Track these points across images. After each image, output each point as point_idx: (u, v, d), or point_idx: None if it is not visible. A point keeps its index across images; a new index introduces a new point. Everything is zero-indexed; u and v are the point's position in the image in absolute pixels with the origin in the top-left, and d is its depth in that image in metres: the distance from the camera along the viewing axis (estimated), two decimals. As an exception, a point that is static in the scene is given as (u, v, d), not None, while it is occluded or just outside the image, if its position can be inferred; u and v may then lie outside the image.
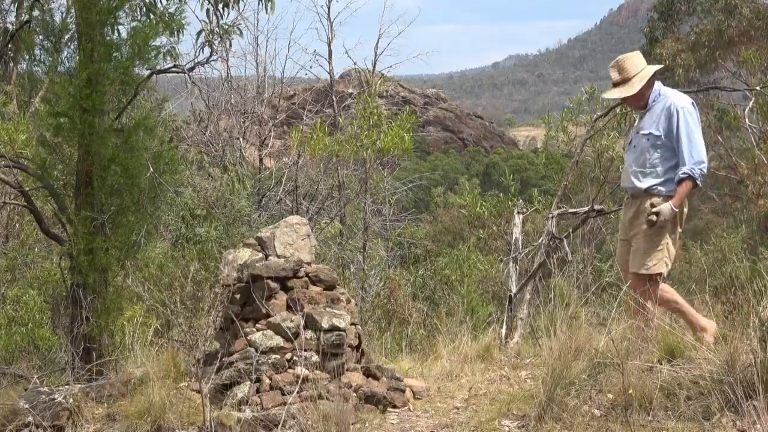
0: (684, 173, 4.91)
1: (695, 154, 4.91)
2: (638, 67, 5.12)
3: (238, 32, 9.65)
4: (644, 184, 5.03)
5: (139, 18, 7.69)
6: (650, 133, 5.05)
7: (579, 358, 4.39)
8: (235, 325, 4.88)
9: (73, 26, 7.30)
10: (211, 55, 9.41)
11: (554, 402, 4.11)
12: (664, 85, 5.25)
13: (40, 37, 7.80)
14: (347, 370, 4.86)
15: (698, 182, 4.94)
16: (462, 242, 14.98)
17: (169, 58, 7.96)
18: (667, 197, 4.94)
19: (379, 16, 14.49)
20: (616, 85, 5.16)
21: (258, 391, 4.65)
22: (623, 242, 5.28)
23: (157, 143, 7.45)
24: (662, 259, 4.99)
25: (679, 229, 5.09)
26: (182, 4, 7.64)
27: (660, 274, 5.00)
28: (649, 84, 5.10)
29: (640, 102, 5.17)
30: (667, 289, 5.09)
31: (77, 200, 6.93)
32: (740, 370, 3.94)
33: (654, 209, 4.96)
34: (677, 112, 4.97)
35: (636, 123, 5.33)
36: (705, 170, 4.94)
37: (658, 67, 5.19)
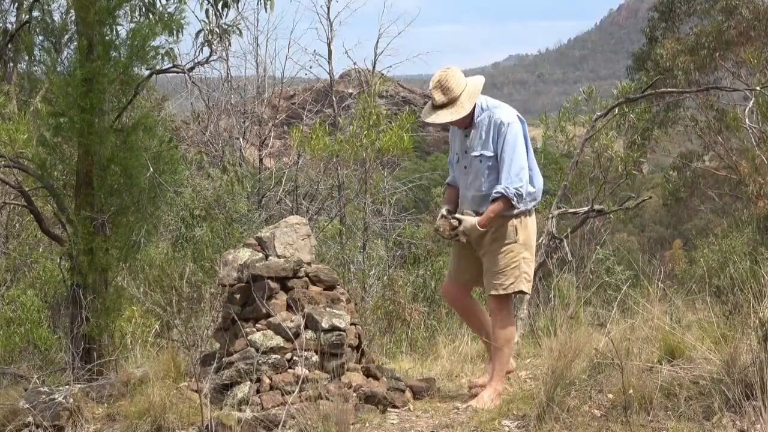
0: (497, 192, 4.64)
1: (513, 173, 4.62)
2: (461, 83, 4.70)
3: (238, 32, 9.64)
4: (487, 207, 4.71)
5: (138, 18, 7.70)
6: (482, 155, 4.73)
7: (579, 358, 4.39)
8: (235, 325, 4.89)
9: (73, 26, 7.30)
10: (210, 55, 9.40)
11: (554, 402, 4.11)
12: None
13: (40, 37, 7.79)
14: (347, 370, 4.86)
15: (513, 202, 4.63)
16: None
17: (167, 59, 7.96)
18: (517, 215, 4.71)
19: (379, 16, 14.45)
20: (440, 106, 4.70)
21: (258, 391, 4.65)
22: (463, 257, 4.95)
23: (157, 143, 7.45)
24: (519, 277, 4.72)
25: (528, 253, 4.79)
26: (181, 4, 7.64)
27: (521, 292, 4.79)
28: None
29: (467, 121, 4.77)
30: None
31: (77, 200, 6.94)
32: (740, 370, 3.94)
33: (458, 215, 4.75)
34: (505, 127, 4.67)
35: (459, 141, 4.90)
36: (521, 190, 4.62)
37: (482, 80, 4.82)
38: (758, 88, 9.26)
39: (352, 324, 4.99)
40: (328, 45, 14.40)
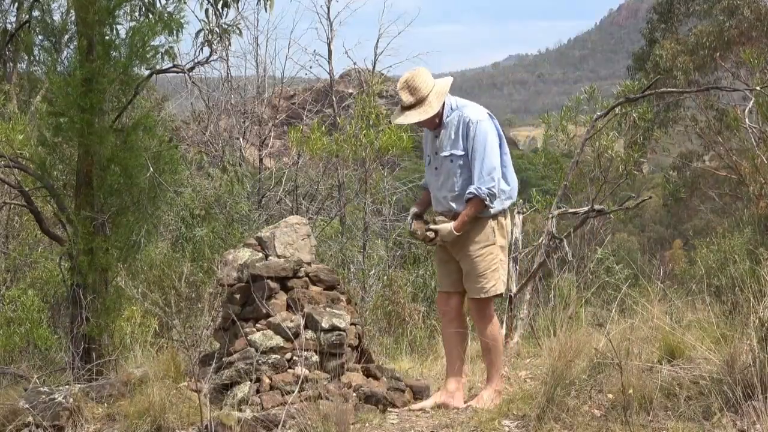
0: (470, 193, 4.58)
1: (485, 172, 4.55)
2: (429, 83, 4.64)
3: (238, 32, 9.67)
4: (462, 207, 4.64)
5: (138, 17, 7.70)
6: (452, 154, 4.66)
7: (579, 358, 4.39)
8: (235, 325, 4.88)
9: (73, 26, 7.30)
10: (210, 55, 9.43)
11: (554, 402, 4.11)
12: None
13: (40, 37, 7.80)
14: (347, 370, 4.86)
15: (486, 202, 4.57)
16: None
17: (167, 57, 7.97)
18: (495, 216, 4.66)
19: (378, 16, 14.48)
20: (409, 107, 4.65)
21: (258, 391, 4.65)
22: (445, 263, 4.86)
23: (157, 143, 7.45)
24: (499, 279, 4.70)
25: (504, 255, 4.74)
26: (181, 4, 7.64)
27: (499, 295, 4.80)
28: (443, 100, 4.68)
29: (436, 120, 4.70)
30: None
31: (77, 200, 6.94)
32: (740, 370, 3.94)
33: (432, 227, 4.69)
34: (474, 126, 4.60)
35: (430, 142, 4.85)
36: (494, 189, 4.56)
37: (450, 80, 4.75)
38: (758, 87, 9.25)
39: (352, 324, 4.99)
40: (328, 45, 14.42)
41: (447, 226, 4.62)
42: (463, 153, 4.65)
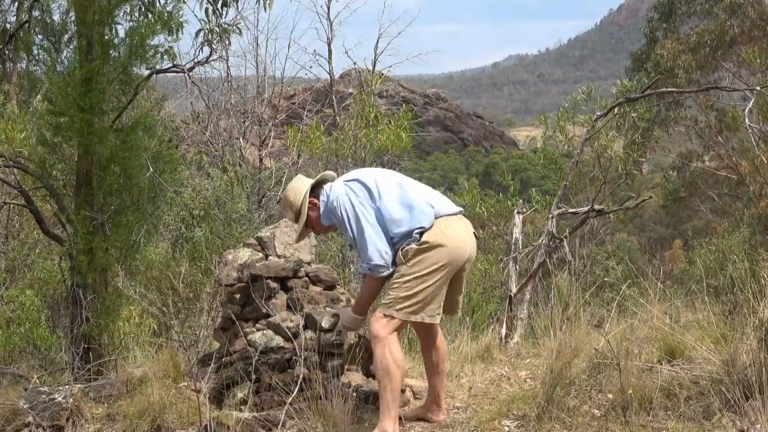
0: (359, 272, 4.51)
1: (361, 249, 4.17)
2: (301, 191, 4.38)
3: (238, 31, 9.67)
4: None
5: (137, 17, 7.71)
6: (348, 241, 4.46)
7: (578, 357, 4.39)
8: (235, 325, 4.88)
9: (73, 26, 7.31)
10: (210, 55, 9.43)
11: (554, 402, 4.11)
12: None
13: (40, 37, 7.81)
14: (347, 370, 4.86)
15: (375, 274, 4.17)
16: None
17: (167, 57, 7.97)
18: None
19: (378, 16, 14.51)
20: (296, 221, 4.45)
21: (258, 391, 4.65)
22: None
23: (157, 143, 7.45)
24: (413, 305, 4.11)
25: (436, 275, 4.10)
26: (180, 3, 7.64)
27: (402, 322, 4.17)
28: (314, 200, 4.36)
29: (318, 218, 4.38)
30: (398, 354, 4.17)
31: (77, 200, 6.94)
32: (740, 370, 3.94)
33: (334, 310, 4.72)
34: (335, 207, 4.24)
35: None
36: (373, 262, 4.11)
37: (318, 176, 4.48)
38: (758, 87, 9.25)
39: (351, 324, 4.99)
40: (328, 45, 14.42)
41: (347, 311, 4.50)
42: (346, 238, 4.37)
